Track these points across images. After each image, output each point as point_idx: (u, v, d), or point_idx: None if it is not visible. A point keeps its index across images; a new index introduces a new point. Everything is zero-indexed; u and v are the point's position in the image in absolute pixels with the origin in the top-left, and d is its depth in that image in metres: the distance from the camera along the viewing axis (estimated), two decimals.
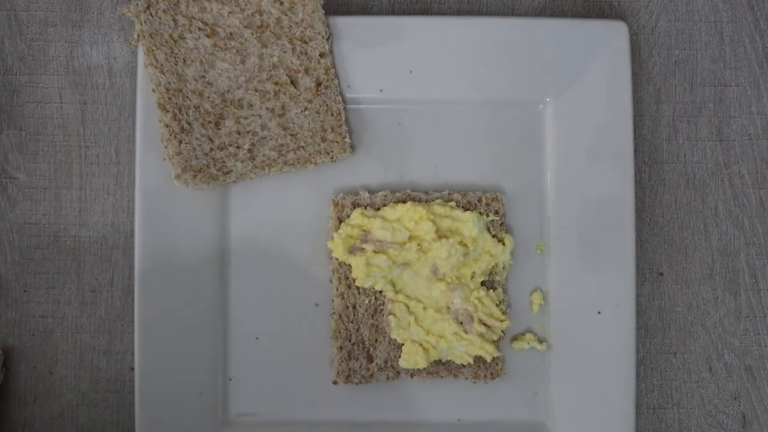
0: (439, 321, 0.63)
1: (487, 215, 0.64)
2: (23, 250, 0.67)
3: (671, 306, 0.68)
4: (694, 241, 0.68)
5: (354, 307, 0.64)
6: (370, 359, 0.63)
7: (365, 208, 0.64)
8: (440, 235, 0.62)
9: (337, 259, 0.64)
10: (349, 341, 0.63)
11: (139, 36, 0.62)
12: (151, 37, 0.62)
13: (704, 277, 0.68)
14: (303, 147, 0.63)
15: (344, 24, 0.64)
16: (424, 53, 0.64)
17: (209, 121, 0.63)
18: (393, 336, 0.63)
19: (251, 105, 0.63)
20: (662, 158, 0.68)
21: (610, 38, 0.64)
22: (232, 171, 0.63)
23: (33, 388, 0.66)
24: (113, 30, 0.68)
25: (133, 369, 0.64)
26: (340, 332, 0.63)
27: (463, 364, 0.64)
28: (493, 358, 0.64)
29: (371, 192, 0.65)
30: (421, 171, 0.66)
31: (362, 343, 0.64)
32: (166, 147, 0.62)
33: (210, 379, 0.63)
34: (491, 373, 0.64)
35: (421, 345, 0.63)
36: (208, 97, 0.63)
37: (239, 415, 0.64)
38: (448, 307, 0.63)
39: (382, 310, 0.64)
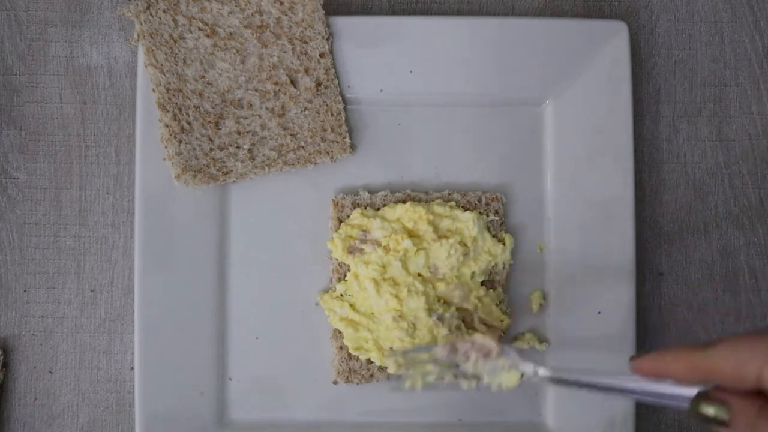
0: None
1: (487, 215, 0.64)
2: (23, 250, 0.67)
3: (671, 306, 0.68)
4: (694, 241, 0.68)
5: None
6: (370, 359, 0.63)
7: (365, 208, 0.64)
8: (440, 235, 0.62)
9: (336, 259, 0.64)
10: None
11: (139, 36, 0.62)
12: (151, 37, 0.62)
13: (704, 277, 0.68)
14: (303, 147, 0.64)
15: (344, 24, 0.64)
16: (424, 53, 0.64)
17: (209, 121, 0.63)
18: None
19: (251, 105, 0.63)
20: (662, 158, 0.68)
21: (610, 38, 0.64)
22: (232, 171, 0.63)
23: (33, 388, 0.66)
24: (113, 30, 0.68)
25: (133, 369, 0.64)
26: (340, 332, 0.63)
27: None
28: None
29: (371, 192, 0.65)
30: (421, 171, 0.66)
31: None
32: (166, 147, 0.62)
33: (210, 379, 0.63)
34: None
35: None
36: (208, 97, 0.63)
37: (239, 415, 0.64)
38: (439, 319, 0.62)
39: None
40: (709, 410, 0.42)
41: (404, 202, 0.64)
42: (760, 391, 0.41)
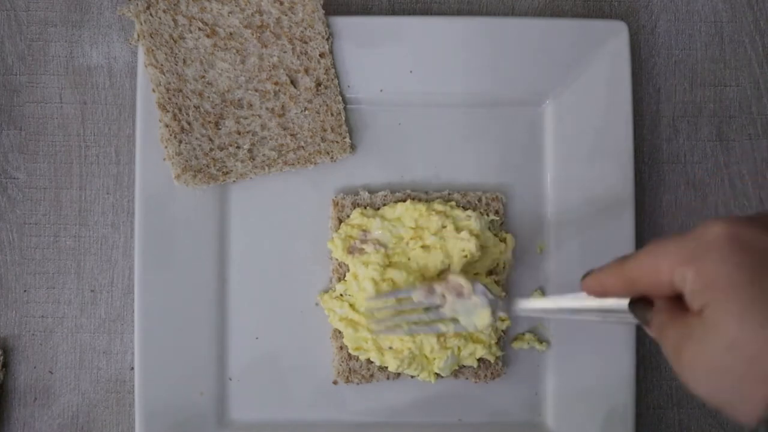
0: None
1: (488, 215, 0.64)
2: (23, 250, 0.67)
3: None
4: None
5: None
6: (370, 359, 0.63)
7: (365, 208, 0.64)
8: (456, 227, 0.62)
9: (336, 259, 0.64)
10: None
11: (139, 36, 0.62)
12: (151, 37, 0.62)
13: None
14: (303, 147, 0.64)
15: (344, 24, 0.64)
16: (424, 53, 0.64)
17: (209, 121, 0.63)
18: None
19: (251, 105, 0.63)
20: (662, 158, 0.68)
21: (610, 38, 0.64)
22: (232, 171, 0.63)
23: (33, 388, 0.66)
24: (113, 30, 0.68)
25: (133, 369, 0.64)
26: (340, 332, 0.63)
27: (464, 365, 0.64)
28: (495, 358, 0.64)
29: (371, 192, 0.65)
30: (421, 171, 0.66)
31: None
32: (166, 147, 0.62)
33: (210, 379, 0.63)
34: (492, 373, 0.64)
35: (426, 357, 0.62)
36: (208, 97, 0.63)
37: (239, 415, 0.64)
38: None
39: None
40: (635, 316, 0.43)
41: (404, 202, 0.64)
42: (680, 294, 0.39)
